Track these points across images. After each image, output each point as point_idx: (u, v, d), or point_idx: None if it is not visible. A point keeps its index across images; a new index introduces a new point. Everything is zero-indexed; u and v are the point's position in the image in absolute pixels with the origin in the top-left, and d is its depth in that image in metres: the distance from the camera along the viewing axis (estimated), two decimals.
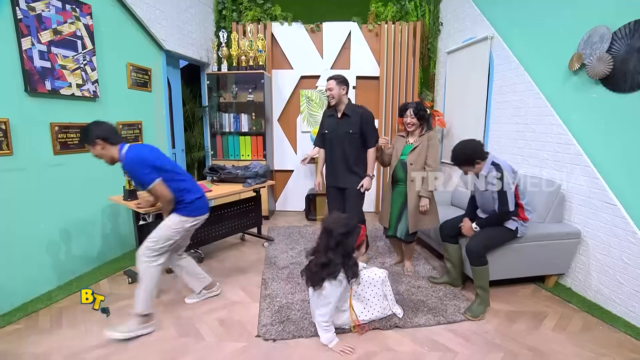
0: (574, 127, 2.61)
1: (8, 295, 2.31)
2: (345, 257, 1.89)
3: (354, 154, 2.82)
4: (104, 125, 2.04)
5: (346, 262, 1.88)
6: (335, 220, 1.91)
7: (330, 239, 1.87)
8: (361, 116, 2.78)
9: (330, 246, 1.87)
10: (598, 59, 2.33)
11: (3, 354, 1.92)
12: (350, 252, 1.90)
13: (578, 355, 1.92)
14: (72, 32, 2.64)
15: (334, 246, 1.86)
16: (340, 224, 1.88)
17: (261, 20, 4.59)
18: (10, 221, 2.32)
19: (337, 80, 2.73)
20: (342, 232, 1.86)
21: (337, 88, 2.73)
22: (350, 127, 2.78)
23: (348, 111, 2.78)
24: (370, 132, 2.82)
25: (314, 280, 1.91)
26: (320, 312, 1.96)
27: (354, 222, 1.96)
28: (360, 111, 2.80)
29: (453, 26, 4.28)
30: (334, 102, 2.77)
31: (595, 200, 2.46)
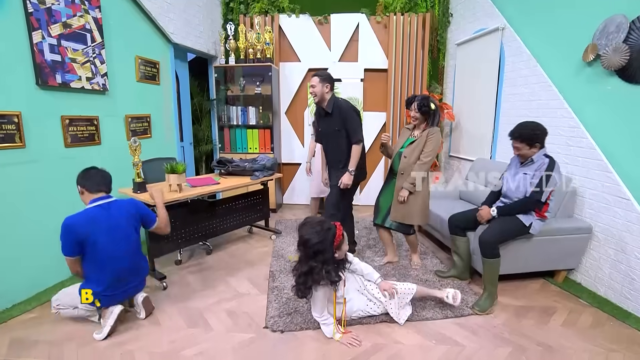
0: (586, 120, 2.56)
1: (22, 285, 2.37)
2: (324, 263, 1.87)
3: (345, 151, 2.76)
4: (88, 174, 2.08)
5: (326, 268, 1.87)
6: (308, 229, 1.88)
7: (307, 249, 1.87)
8: (341, 112, 2.71)
9: (309, 255, 1.88)
10: (614, 50, 2.26)
11: (19, 341, 1.97)
12: (329, 257, 1.88)
13: (588, 350, 1.91)
14: (81, 26, 2.66)
15: (313, 255, 1.86)
16: (313, 231, 1.85)
17: (269, 12, 4.56)
18: (24, 212, 2.36)
19: (321, 78, 2.66)
20: (316, 242, 1.84)
21: (319, 85, 2.66)
22: (335, 124, 2.74)
23: (330, 109, 2.72)
24: (353, 127, 2.71)
25: (302, 291, 1.94)
26: (314, 310, 2.03)
27: (327, 225, 1.89)
28: (341, 107, 2.72)
29: (463, 17, 4.21)
30: (317, 100, 2.73)
31: (607, 194, 2.41)
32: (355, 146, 2.72)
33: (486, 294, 2.31)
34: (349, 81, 4.65)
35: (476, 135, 3.95)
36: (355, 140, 2.71)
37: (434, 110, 2.63)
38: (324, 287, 1.93)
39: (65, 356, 1.85)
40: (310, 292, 1.93)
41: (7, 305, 2.28)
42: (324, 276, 1.86)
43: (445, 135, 4.71)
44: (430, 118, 2.65)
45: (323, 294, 1.96)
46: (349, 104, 2.77)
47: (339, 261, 1.98)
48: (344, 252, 2.01)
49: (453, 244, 2.67)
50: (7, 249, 2.27)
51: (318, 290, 1.93)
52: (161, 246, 2.78)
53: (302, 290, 1.92)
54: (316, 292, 1.94)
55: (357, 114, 2.78)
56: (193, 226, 3.02)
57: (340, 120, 2.72)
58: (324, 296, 1.96)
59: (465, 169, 4.09)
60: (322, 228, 1.86)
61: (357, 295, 2.13)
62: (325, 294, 1.97)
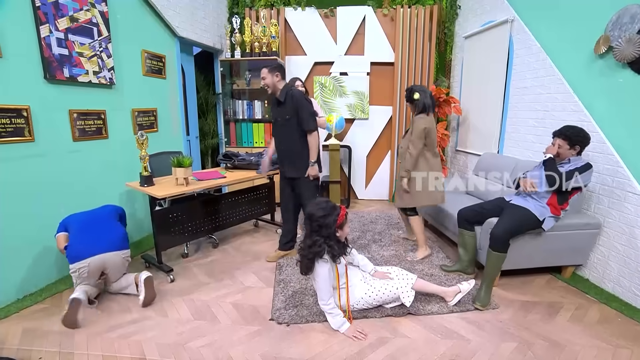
0: (597, 114, 2.52)
1: (33, 277, 2.42)
2: (327, 238, 1.97)
3: (298, 141, 2.71)
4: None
5: (328, 242, 1.97)
6: (315, 205, 2.02)
7: (312, 223, 1.98)
8: (293, 100, 2.65)
9: (313, 229, 1.98)
10: (627, 41, 2.21)
11: (31, 330, 2.02)
12: (332, 232, 1.98)
13: (595, 346, 1.90)
14: (88, 20, 2.66)
15: (317, 228, 1.96)
16: (319, 207, 1.99)
17: (274, 5, 4.53)
18: (34, 205, 2.40)
19: (269, 68, 2.64)
20: (321, 215, 1.95)
21: (270, 76, 2.63)
22: (286, 112, 2.68)
23: (283, 97, 2.66)
24: (305, 114, 2.65)
25: (306, 266, 2.00)
26: (320, 298, 2.03)
27: (332, 204, 2.02)
28: (293, 95, 2.66)
29: (471, 9, 4.14)
30: (270, 91, 2.69)
31: (618, 189, 2.38)
32: (310, 136, 2.72)
33: (484, 288, 2.30)
34: (355, 75, 4.62)
35: (483, 130, 3.91)
36: (308, 128, 2.69)
37: (417, 99, 2.73)
38: (326, 265, 1.97)
39: (76, 346, 1.89)
40: (313, 267, 1.98)
41: (19, 296, 2.33)
42: (327, 249, 1.95)
43: (452, 129, 4.67)
44: (417, 107, 2.75)
45: (327, 273, 1.98)
46: (302, 93, 2.75)
47: (341, 243, 2.05)
48: (345, 235, 2.08)
49: (460, 237, 2.66)
50: (18, 240, 2.31)
51: (321, 266, 1.97)
52: (168, 239, 2.81)
53: (306, 265, 1.98)
54: (319, 270, 1.97)
55: (310, 103, 2.78)
56: (199, 220, 3.04)
57: (292, 109, 2.66)
58: (327, 276, 1.98)
59: (472, 163, 4.05)
60: (328, 205, 2.00)
61: (359, 284, 2.15)
62: (329, 274, 1.99)
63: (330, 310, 2.01)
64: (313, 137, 2.71)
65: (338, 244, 2.02)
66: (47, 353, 1.84)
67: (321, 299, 2.02)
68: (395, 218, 4.01)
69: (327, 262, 1.98)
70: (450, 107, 4.15)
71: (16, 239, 2.30)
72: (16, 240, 2.30)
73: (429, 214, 3.57)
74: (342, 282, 2.10)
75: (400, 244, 3.25)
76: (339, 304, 2.09)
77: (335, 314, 2.01)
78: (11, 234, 2.27)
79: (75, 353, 1.84)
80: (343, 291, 2.11)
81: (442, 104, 4.14)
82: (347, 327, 2.00)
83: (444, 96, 4.07)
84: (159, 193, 2.50)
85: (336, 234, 2.01)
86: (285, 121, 2.70)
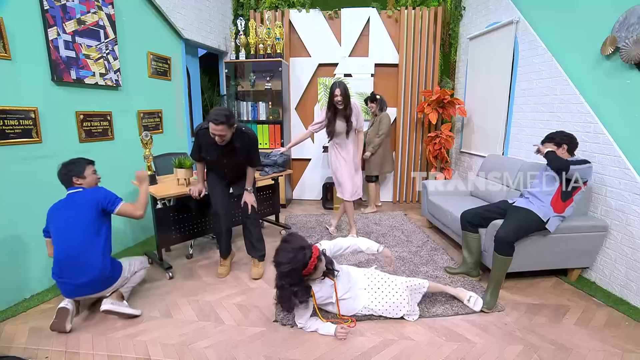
0: (604, 115, 2.50)
1: (40, 276, 2.44)
2: (293, 285, 1.89)
3: (241, 176, 2.73)
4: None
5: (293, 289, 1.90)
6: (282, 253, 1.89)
7: (278, 271, 1.91)
8: (249, 142, 2.56)
9: (280, 276, 1.91)
10: (635, 42, 2.20)
11: (38, 330, 2.04)
12: (296, 281, 1.90)
13: (602, 350, 1.87)
14: (95, 22, 2.69)
15: (285, 276, 1.89)
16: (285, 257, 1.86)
17: (279, 7, 4.55)
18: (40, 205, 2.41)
19: (228, 124, 2.31)
20: (286, 271, 1.86)
21: (229, 132, 2.36)
22: (237, 154, 2.56)
23: (236, 142, 2.48)
24: (256, 155, 2.66)
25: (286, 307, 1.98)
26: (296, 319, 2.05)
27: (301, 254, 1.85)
28: (247, 138, 2.54)
29: (476, 10, 4.13)
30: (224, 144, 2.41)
31: (625, 192, 2.35)
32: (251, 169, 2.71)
33: (491, 291, 2.29)
34: (360, 76, 4.62)
35: (488, 131, 3.89)
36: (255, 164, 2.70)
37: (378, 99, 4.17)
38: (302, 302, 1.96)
39: (81, 346, 1.90)
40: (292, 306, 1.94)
41: (26, 295, 2.35)
42: (292, 295, 1.89)
43: (456, 131, 4.65)
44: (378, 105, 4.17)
45: (304, 307, 2.00)
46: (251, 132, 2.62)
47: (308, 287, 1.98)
48: (320, 272, 1.99)
49: (464, 239, 2.65)
50: (25, 241, 2.34)
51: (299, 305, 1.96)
52: (169, 237, 2.86)
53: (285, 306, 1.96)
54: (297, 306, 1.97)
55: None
56: (202, 219, 3.07)
57: (246, 151, 2.57)
58: (304, 308, 2.01)
59: (477, 165, 4.03)
60: (295, 255, 1.85)
61: (363, 293, 2.12)
62: (307, 306, 2.01)
63: (308, 329, 2.03)
64: (253, 170, 2.73)
65: (305, 288, 1.94)
66: (53, 352, 1.85)
67: (297, 318, 2.04)
68: (400, 219, 4.00)
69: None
70: (454, 109, 4.14)
71: (23, 238, 2.33)
72: (23, 240, 2.33)
73: (432, 215, 3.56)
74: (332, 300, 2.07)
75: (404, 246, 3.24)
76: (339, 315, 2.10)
77: (316, 328, 2.01)
78: (19, 233, 2.30)
79: (81, 353, 1.85)
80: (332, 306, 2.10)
81: (447, 105, 4.13)
82: (334, 328, 1.98)
83: (449, 98, 4.06)
84: (159, 193, 2.55)
85: (303, 279, 1.93)
86: (232, 162, 2.60)
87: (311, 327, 2.03)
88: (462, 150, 4.51)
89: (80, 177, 2.13)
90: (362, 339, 1.97)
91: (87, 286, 2.02)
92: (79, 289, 2.02)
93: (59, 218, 2.05)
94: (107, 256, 2.07)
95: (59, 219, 2.05)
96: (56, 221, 2.05)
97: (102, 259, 2.03)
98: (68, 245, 1.99)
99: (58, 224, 2.04)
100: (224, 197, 2.70)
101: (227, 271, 2.77)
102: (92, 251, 2.01)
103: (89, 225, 2.04)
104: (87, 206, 2.06)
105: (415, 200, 4.91)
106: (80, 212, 2.04)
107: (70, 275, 1.99)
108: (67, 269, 1.99)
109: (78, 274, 1.98)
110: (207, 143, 2.46)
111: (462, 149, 4.52)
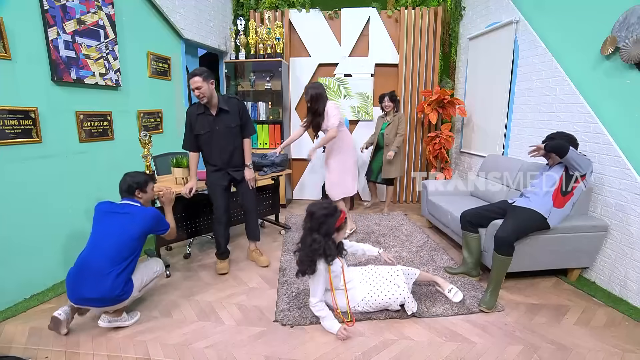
0: (603, 115, 2.50)
1: (40, 277, 2.44)
2: (326, 237, 1.99)
3: (239, 148, 2.70)
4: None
5: (327, 241, 1.99)
6: (317, 205, 2.05)
7: (313, 221, 2.00)
8: (239, 107, 2.62)
9: (313, 227, 2.00)
10: (635, 42, 2.20)
11: (38, 330, 2.04)
12: (330, 232, 2.00)
13: (602, 350, 1.87)
14: (95, 22, 2.69)
15: (317, 227, 1.98)
16: (321, 207, 2.03)
17: (279, 7, 4.55)
18: (40, 206, 2.42)
19: (203, 76, 2.37)
20: (323, 214, 1.98)
21: (205, 84, 2.38)
22: (230, 121, 2.58)
23: (224, 105, 2.53)
24: (249, 121, 2.72)
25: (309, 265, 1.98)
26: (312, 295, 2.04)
27: (334, 207, 2.04)
28: (236, 102, 2.62)
29: (476, 10, 4.13)
30: (206, 100, 2.45)
31: (625, 191, 2.36)
32: (248, 139, 2.74)
33: (491, 291, 2.29)
34: (360, 76, 4.62)
35: (488, 131, 3.89)
36: (250, 133, 2.73)
37: (398, 100, 4.12)
38: (323, 265, 1.99)
39: (81, 346, 1.91)
40: (316, 267, 1.96)
41: (26, 295, 2.35)
42: (324, 248, 1.96)
43: (456, 131, 4.65)
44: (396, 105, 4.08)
45: (323, 272, 2.00)
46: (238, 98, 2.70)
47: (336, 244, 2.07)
48: (342, 237, 2.13)
49: (464, 239, 2.65)
50: (26, 241, 2.34)
51: (319, 265, 1.97)
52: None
53: (309, 263, 1.97)
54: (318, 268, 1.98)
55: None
56: (200, 218, 3.08)
57: (237, 116, 2.60)
58: (323, 275, 2.01)
59: (477, 164, 4.03)
60: (329, 207, 2.03)
61: (360, 286, 2.15)
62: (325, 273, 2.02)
63: (318, 311, 2.02)
64: (249, 141, 2.76)
65: (334, 244, 2.04)
66: (53, 352, 1.85)
67: (313, 296, 2.02)
68: (400, 219, 4.00)
69: (323, 261, 1.99)
70: (454, 109, 4.14)
71: (23, 239, 2.32)
72: (23, 240, 2.32)
73: (432, 215, 3.56)
74: (340, 283, 2.10)
75: (404, 246, 3.24)
76: (337, 306, 2.09)
77: (324, 315, 2.02)
78: (18, 233, 2.29)
79: (81, 353, 1.85)
80: (341, 292, 2.10)
81: (447, 105, 4.13)
82: (338, 327, 1.99)
83: (449, 98, 4.06)
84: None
85: (333, 235, 2.03)
86: (226, 129, 2.59)
87: (321, 311, 2.02)
88: (462, 150, 4.51)
89: (143, 192, 2.16)
90: (362, 339, 1.97)
91: (92, 302, 1.93)
92: (84, 301, 1.93)
93: (105, 222, 2.02)
94: (122, 278, 1.94)
95: (104, 223, 2.01)
96: (101, 223, 2.02)
97: (115, 281, 1.90)
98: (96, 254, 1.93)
99: (101, 227, 2.01)
100: (224, 198, 2.72)
101: (227, 267, 2.78)
102: (113, 272, 1.91)
103: (125, 245, 1.97)
104: (137, 225, 2.02)
105: (415, 200, 4.92)
106: (125, 227, 1.99)
107: (81, 285, 1.89)
108: (81, 278, 1.90)
109: (88, 289, 1.88)
110: (195, 115, 2.55)
111: (462, 149, 4.53)
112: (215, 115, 2.53)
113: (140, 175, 2.19)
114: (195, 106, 2.56)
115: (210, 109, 2.54)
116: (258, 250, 2.96)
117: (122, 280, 1.93)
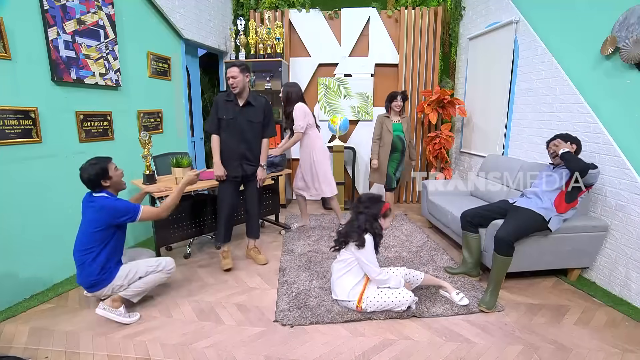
0: (603, 115, 2.50)
1: (40, 277, 2.44)
2: (373, 218, 2.17)
3: (256, 143, 2.75)
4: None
5: (373, 222, 2.16)
6: (366, 193, 2.28)
7: (362, 204, 2.20)
8: (265, 106, 2.73)
9: (361, 210, 2.19)
10: (635, 42, 2.20)
11: (38, 329, 2.04)
12: (376, 214, 2.18)
13: (602, 350, 1.88)
14: (95, 22, 2.69)
15: (364, 209, 2.18)
16: (369, 194, 2.27)
17: (279, 7, 4.55)
18: (40, 206, 2.42)
19: (240, 68, 2.57)
20: (369, 197, 2.22)
21: (241, 76, 2.56)
22: (254, 116, 2.68)
23: (252, 100, 2.66)
24: (271, 122, 2.80)
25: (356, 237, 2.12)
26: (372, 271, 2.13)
27: (379, 195, 2.28)
28: (264, 101, 2.74)
29: (476, 10, 4.13)
30: (238, 91, 2.59)
31: (625, 191, 2.36)
32: (267, 140, 2.81)
33: (491, 291, 2.29)
34: (360, 76, 4.62)
35: (488, 131, 3.89)
36: (270, 134, 2.80)
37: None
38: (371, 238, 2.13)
39: (81, 346, 1.90)
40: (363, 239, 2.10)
41: (26, 295, 2.35)
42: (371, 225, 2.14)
43: (456, 131, 4.66)
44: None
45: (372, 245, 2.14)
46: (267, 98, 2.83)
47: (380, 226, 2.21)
48: (387, 225, 2.27)
49: (464, 239, 2.65)
50: (26, 241, 2.34)
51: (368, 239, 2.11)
52: (167, 235, 2.88)
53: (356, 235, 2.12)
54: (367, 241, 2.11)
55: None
56: (200, 218, 3.08)
57: (261, 113, 2.71)
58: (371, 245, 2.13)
59: (477, 164, 4.03)
60: (376, 195, 2.27)
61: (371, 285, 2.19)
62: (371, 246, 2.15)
63: (384, 277, 2.14)
64: (267, 142, 2.84)
65: (380, 228, 2.20)
66: (53, 352, 1.85)
67: (373, 270, 2.13)
68: (400, 219, 4.00)
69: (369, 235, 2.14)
70: (454, 109, 4.14)
71: (23, 239, 2.33)
72: (23, 240, 2.33)
73: (432, 215, 3.56)
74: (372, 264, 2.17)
75: (404, 246, 3.24)
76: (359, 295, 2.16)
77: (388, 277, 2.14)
78: (18, 234, 2.30)
79: (81, 353, 1.85)
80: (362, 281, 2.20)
81: (447, 105, 4.13)
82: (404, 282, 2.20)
83: (449, 98, 4.06)
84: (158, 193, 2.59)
85: (380, 218, 2.20)
86: (248, 123, 2.67)
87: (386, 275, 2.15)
88: (462, 150, 4.51)
89: (106, 179, 2.09)
90: (362, 339, 1.97)
91: (83, 284, 2.10)
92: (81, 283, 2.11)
93: (83, 214, 2.12)
94: (95, 266, 2.02)
95: (83, 215, 2.12)
96: (83, 215, 2.12)
97: (88, 269, 2.03)
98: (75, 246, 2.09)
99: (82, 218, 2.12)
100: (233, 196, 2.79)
101: (230, 262, 2.82)
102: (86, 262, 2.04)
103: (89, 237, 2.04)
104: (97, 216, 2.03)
105: (415, 200, 4.92)
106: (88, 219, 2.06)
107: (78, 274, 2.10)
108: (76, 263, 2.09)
109: (77, 277, 2.10)
110: (223, 101, 2.67)
111: (462, 149, 4.53)
112: (242, 106, 2.66)
113: (92, 167, 2.05)
114: (225, 93, 2.70)
115: (239, 99, 2.66)
116: (257, 249, 2.98)
117: (95, 269, 2.04)
